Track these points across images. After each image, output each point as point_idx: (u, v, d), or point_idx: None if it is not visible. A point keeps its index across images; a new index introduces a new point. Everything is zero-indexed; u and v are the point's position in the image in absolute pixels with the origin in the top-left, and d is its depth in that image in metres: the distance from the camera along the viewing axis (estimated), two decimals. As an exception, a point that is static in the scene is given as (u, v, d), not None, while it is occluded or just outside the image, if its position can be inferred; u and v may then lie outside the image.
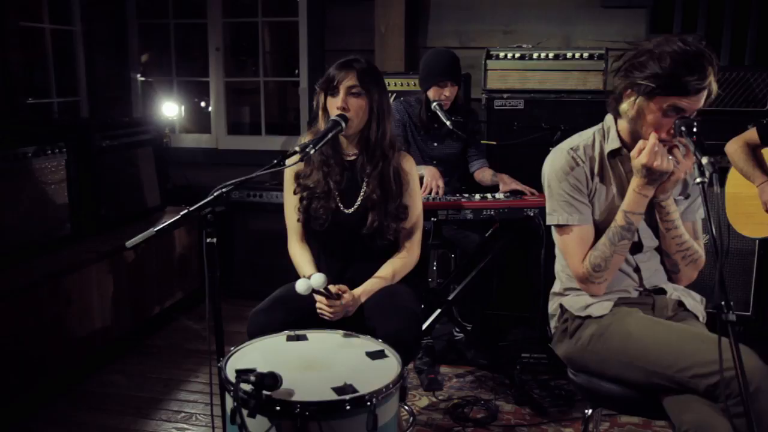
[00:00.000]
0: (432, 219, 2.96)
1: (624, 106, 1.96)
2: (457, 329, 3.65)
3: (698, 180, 1.60)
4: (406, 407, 2.89)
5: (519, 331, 3.78)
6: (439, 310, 3.11)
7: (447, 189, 3.31)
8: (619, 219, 1.99)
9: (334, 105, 2.27)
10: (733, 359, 1.43)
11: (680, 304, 2.12)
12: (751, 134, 3.16)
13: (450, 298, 3.13)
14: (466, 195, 3.13)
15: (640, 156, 1.89)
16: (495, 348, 3.54)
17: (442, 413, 2.97)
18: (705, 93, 1.84)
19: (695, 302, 2.14)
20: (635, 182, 1.95)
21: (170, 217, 1.95)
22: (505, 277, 3.76)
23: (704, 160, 1.60)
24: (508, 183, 3.25)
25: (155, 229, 1.92)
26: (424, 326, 3.06)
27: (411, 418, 2.84)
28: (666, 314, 2.08)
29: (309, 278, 2.06)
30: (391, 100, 3.88)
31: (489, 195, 3.11)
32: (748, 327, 3.80)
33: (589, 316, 2.06)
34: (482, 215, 3.00)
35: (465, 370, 3.40)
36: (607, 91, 3.77)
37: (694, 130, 1.74)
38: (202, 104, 5.41)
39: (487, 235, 3.25)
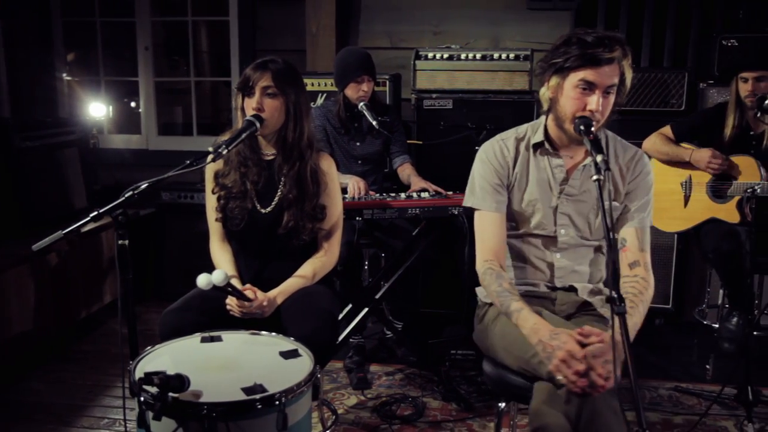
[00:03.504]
0: (357, 218, 2.98)
1: (542, 90, 2.01)
2: (386, 328, 3.68)
3: (594, 177, 1.66)
4: (330, 406, 2.90)
5: (449, 328, 3.84)
6: (366, 309, 3.12)
7: (374, 188, 3.33)
8: (526, 320, 1.88)
9: (250, 106, 2.27)
10: (624, 349, 1.49)
11: (587, 304, 2.12)
12: (665, 130, 3.33)
13: (377, 296, 3.15)
14: (393, 194, 3.16)
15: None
16: (425, 345, 3.58)
17: (369, 411, 2.99)
18: (615, 69, 1.87)
19: (605, 306, 2.10)
20: (548, 355, 1.77)
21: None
22: (434, 275, 3.80)
23: (599, 158, 1.65)
24: (416, 183, 3.31)
25: (63, 232, 1.89)
26: (352, 325, 3.08)
27: (333, 417, 2.85)
28: (565, 312, 2.10)
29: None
30: (322, 99, 3.90)
31: (414, 194, 3.14)
32: (668, 319, 3.94)
33: (492, 303, 2.12)
34: (408, 214, 3.03)
35: (395, 368, 3.42)
36: (533, 91, 3.89)
37: (592, 129, 1.80)
38: (132, 104, 5.29)
39: (414, 233, 3.28)
